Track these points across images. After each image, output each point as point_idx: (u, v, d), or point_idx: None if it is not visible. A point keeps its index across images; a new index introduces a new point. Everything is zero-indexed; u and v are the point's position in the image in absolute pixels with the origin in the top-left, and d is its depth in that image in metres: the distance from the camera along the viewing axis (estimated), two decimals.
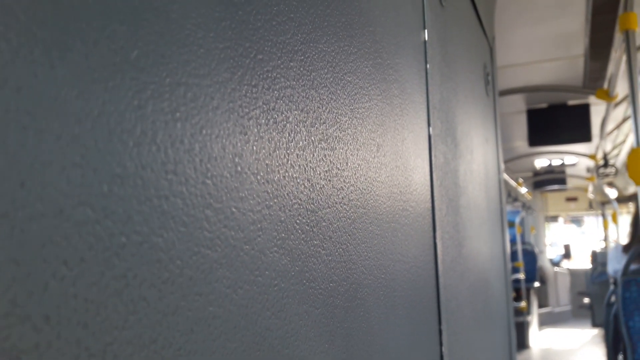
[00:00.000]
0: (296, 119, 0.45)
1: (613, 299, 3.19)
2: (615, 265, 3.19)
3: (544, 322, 7.92)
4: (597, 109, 4.21)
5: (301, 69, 0.47)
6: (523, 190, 7.33)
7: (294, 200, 0.44)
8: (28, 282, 0.21)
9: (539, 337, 7.00)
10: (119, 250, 0.26)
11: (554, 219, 11.34)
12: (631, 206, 8.97)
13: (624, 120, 4.42)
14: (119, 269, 0.26)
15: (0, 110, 0.21)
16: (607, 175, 5.49)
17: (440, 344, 0.85)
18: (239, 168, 0.37)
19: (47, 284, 0.22)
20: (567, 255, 10.93)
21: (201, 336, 0.31)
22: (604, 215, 7.49)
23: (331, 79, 0.52)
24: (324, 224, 0.48)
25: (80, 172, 0.24)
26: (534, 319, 6.70)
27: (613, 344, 3.13)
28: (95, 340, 0.24)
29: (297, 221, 0.44)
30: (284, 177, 0.42)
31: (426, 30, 0.91)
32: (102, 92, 0.26)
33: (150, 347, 0.27)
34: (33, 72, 0.22)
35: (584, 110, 4.24)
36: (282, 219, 0.42)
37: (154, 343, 0.28)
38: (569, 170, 7.34)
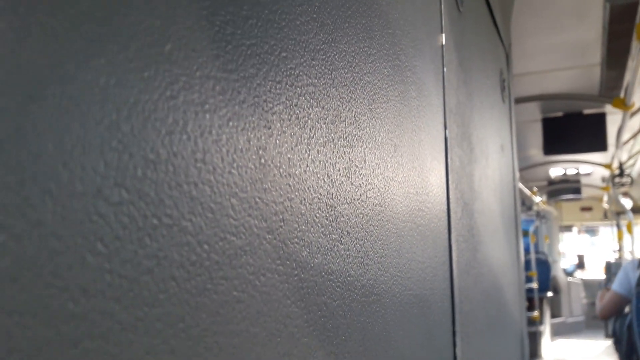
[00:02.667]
0: (317, 115, 0.46)
1: (627, 309, 3.16)
2: (632, 281, 3.13)
3: (557, 332, 7.84)
4: (613, 118, 4.18)
5: (322, 67, 0.48)
6: (537, 199, 7.29)
7: (314, 195, 0.45)
8: (68, 256, 0.23)
9: (551, 347, 6.93)
10: (151, 231, 0.27)
11: (568, 228, 11.23)
12: None
13: None
14: (150, 249, 0.27)
15: (51, 96, 0.22)
16: (622, 185, 5.44)
17: (454, 345, 0.86)
18: (263, 160, 0.38)
19: (84, 259, 0.24)
20: (581, 265, 10.81)
21: (226, 319, 0.32)
22: (618, 226, 7.41)
23: (351, 79, 0.53)
24: (342, 219, 0.49)
25: (117, 156, 0.26)
26: (546, 329, 6.64)
27: (626, 356, 3.10)
28: (128, 314, 0.25)
29: (317, 215, 0.45)
30: (304, 171, 0.43)
31: (443, 35, 0.92)
32: (137, 81, 0.27)
33: (178, 325, 0.28)
34: (77, 61, 0.24)
35: (600, 119, 4.21)
36: (303, 211, 0.43)
37: (181, 321, 0.29)
38: (583, 180, 7.27)
